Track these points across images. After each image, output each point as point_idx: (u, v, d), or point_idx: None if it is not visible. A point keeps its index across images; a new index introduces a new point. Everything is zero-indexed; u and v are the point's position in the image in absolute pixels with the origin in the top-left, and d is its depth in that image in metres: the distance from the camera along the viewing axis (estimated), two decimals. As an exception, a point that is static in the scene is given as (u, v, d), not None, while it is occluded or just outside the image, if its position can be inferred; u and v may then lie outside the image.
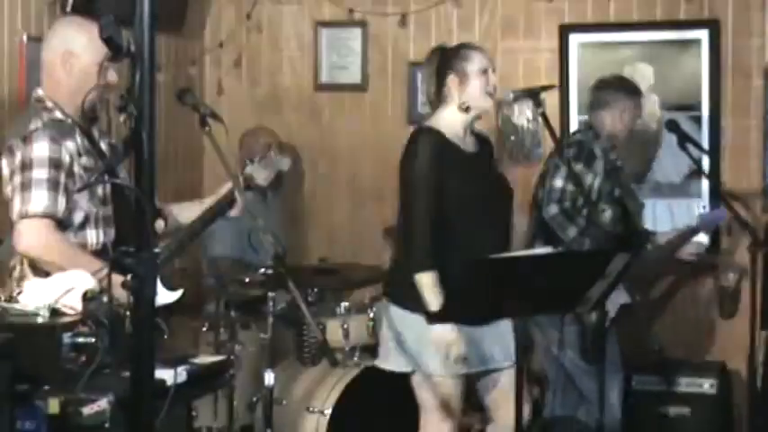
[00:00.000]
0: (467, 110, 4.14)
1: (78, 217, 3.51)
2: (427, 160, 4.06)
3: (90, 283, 3.06)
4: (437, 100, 4.21)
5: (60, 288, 3.04)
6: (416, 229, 4.06)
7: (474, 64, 4.15)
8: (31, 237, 3.44)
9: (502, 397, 4.17)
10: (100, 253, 3.48)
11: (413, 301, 4.04)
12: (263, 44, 6.40)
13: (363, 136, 6.24)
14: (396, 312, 4.16)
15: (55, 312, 2.96)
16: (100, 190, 3.57)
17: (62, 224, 3.48)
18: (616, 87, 5.14)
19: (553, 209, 4.82)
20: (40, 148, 3.46)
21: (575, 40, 5.95)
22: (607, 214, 4.93)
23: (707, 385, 5.50)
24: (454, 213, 4.06)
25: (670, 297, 5.86)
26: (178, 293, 3.44)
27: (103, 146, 3.67)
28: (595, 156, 4.94)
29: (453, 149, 4.11)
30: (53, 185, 3.45)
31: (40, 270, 3.44)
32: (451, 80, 4.15)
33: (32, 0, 4.86)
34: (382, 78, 6.23)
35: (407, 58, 6.17)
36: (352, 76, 6.26)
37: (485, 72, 4.15)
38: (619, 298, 4.89)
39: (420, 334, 4.05)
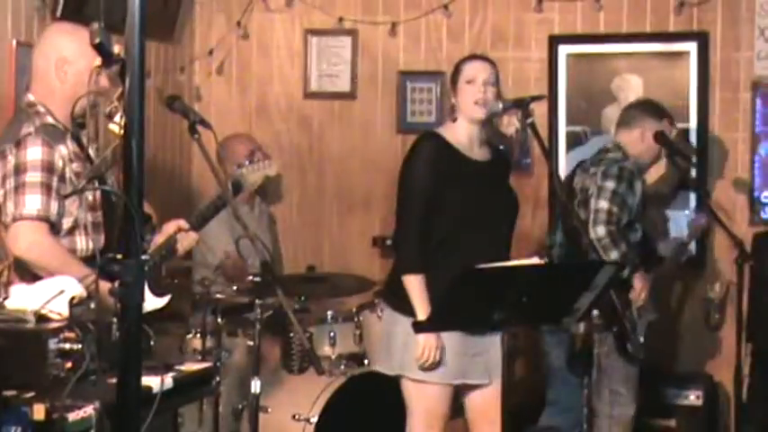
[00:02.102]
0: (455, 120, 4.19)
1: (67, 223, 3.51)
2: (424, 165, 4.13)
3: (77, 288, 3.05)
4: (450, 110, 4.29)
5: (47, 294, 3.03)
6: (406, 231, 4.14)
7: (463, 75, 4.20)
8: (26, 239, 3.43)
9: (482, 415, 4.19)
10: (89, 259, 3.47)
11: (405, 305, 4.07)
12: (253, 52, 6.39)
13: (352, 145, 6.23)
14: (389, 314, 4.21)
15: (41, 318, 2.95)
16: (89, 196, 3.57)
17: (54, 228, 3.47)
18: (641, 108, 5.11)
19: (601, 230, 4.71)
20: (34, 152, 3.46)
21: (564, 50, 5.96)
22: (638, 234, 4.91)
23: (693, 397, 5.50)
24: (451, 220, 4.09)
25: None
26: (165, 299, 3.43)
27: (92, 152, 3.67)
28: (634, 176, 4.88)
29: (456, 156, 4.15)
30: (46, 189, 3.44)
31: (27, 275, 3.44)
32: (451, 92, 4.25)
33: (22, 5, 4.85)
34: (372, 87, 6.23)
35: (397, 67, 6.16)
36: (341, 85, 6.25)
37: (471, 82, 4.17)
38: (648, 315, 4.90)
39: (407, 337, 4.07)
